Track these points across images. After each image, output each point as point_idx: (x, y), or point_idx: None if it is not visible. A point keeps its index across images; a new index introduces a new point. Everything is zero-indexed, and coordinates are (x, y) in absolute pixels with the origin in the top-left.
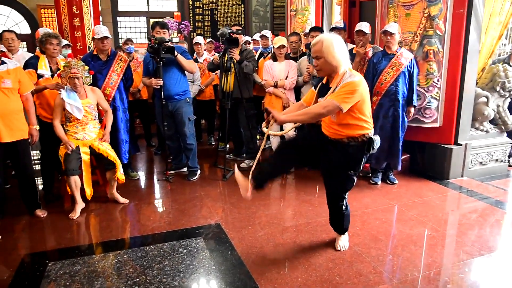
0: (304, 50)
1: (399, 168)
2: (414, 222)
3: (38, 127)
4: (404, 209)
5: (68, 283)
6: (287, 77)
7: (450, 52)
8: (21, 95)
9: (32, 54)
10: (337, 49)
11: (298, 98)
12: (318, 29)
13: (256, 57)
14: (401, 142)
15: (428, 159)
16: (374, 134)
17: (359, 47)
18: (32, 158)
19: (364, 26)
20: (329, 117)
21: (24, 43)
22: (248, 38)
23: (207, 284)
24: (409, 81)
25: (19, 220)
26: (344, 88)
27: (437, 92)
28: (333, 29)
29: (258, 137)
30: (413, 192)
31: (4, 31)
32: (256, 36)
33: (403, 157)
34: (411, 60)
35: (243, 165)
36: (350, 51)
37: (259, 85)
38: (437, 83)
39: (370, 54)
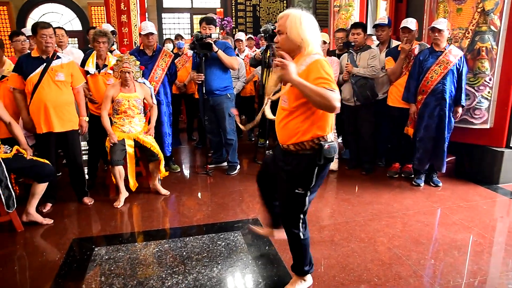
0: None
1: (444, 170)
2: (459, 227)
3: (87, 119)
4: (448, 213)
5: (112, 268)
6: None
7: (505, 49)
8: (73, 88)
9: (80, 50)
10: (304, 26)
11: None
12: (360, 25)
13: None
14: (446, 143)
15: (476, 162)
16: (338, 138)
17: (404, 44)
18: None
19: (410, 23)
20: (278, 114)
21: (76, 39)
22: None
23: (244, 277)
24: (457, 80)
25: (68, 206)
26: (319, 68)
27: (488, 92)
28: (376, 26)
29: None
30: (458, 196)
31: (55, 27)
32: None
33: (448, 159)
34: (461, 57)
35: None
36: (395, 48)
37: None
38: (489, 82)
39: (416, 52)
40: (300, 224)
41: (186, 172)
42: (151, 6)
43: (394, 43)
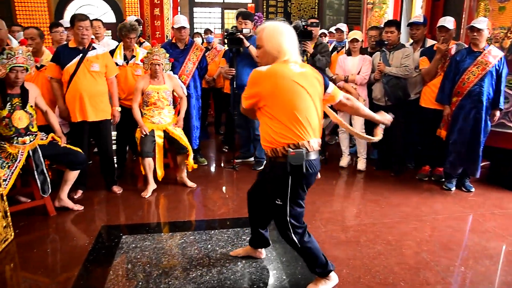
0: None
1: (477, 175)
2: (492, 235)
3: (120, 109)
4: (481, 220)
5: (138, 257)
6: (359, 72)
7: None
8: (107, 78)
9: (116, 42)
10: (280, 37)
11: (370, 95)
12: (394, 23)
13: (330, 50)
14: (481, 147)
15: None
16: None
17: (440, 43)
18: None
19: (448, 22)
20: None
21: (109, 31)
22: (324, 31)
23: (268, 273)
24: (496, 82)
25: (98, 194)
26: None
27: None
28: (411, 25)
29: (325, 133)
30: (492, 203)
31: (93, 19)
32: (332, 29)
33: (483, 164)
34: (501, 59)
35: None
36: (431, 47)
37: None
38: None
39: (453, 52)
40: (291, 231)
41: (213, 165)
42: (183, 0)
43: (429, 42)
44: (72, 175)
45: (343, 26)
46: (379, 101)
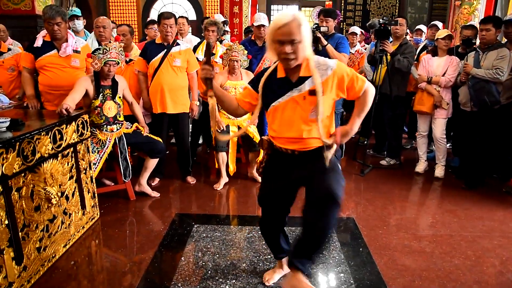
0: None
1: None
2: None
3: (198, 103)
4: None
5: (208, 246)
6: (444, 73)
7: None
8: (188, 73)
9: (198, 38)
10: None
11: (455, 99)
12: (491, 19)
13: (419, 50)
14: None
15: None
16: None
17: None
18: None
19: None
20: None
21: (190, 28)
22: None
23: (335, 275)
24: None
25: (173, 182)
26: (346, 68)
27: None
28: (507, 22)
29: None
30: None
31: (179, 16)
32: (420, 27)
33: None
34: None
35: (383, 162)
36: None
37: (415, 79)
38: None
39: None
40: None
41: None
42: None
43: None
44: (152, 163)
45: (439, 24)
46: (465, 105)
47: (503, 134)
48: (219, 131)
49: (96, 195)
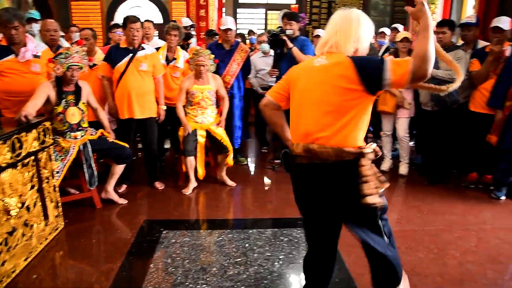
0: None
1: None
2: None
3: (165, 107)
4: None
5: (178, 252)
6: None
7: None
8: (154, 77)
9: (163, 41)
10: None
11: (417, 99)
12: (446, 22)
13: (381, 52)
14: None
15: None
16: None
17: (494, 45)
18: None
19: (503, 22)
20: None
21: (157, 32)
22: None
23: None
24: None
25: (141, 189)
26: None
27: None
28: (462, 25)
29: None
30: None
31: (144, 20)
32: (383, 30)
33: None
34: None
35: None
36: (482, 49)
37: None
38: None
39: (507, 54)
40: (383, 230)
41: (253, 165)
42: (228, 1)
43: (481, 43)
44: (119, 169)
45: (400, 27)
46: (426, 105)
47: (461, 131)
48: (186, 135)
49: (60, 204)
